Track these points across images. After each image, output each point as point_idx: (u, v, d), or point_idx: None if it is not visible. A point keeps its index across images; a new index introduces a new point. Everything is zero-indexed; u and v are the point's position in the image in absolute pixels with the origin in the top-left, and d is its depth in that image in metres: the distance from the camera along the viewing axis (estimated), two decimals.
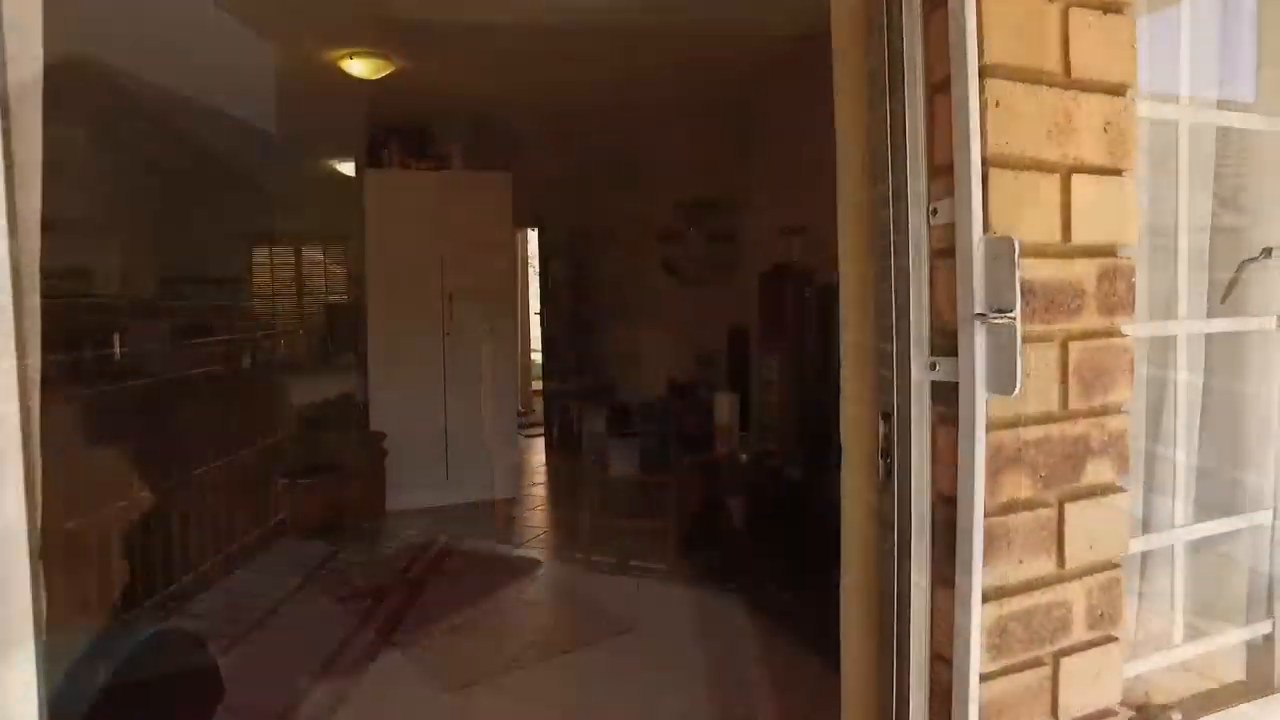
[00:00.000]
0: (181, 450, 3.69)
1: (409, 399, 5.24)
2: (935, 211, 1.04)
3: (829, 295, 3.58)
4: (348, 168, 6.52)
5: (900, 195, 1.07)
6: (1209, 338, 1.44)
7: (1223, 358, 1.48)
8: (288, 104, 5.09)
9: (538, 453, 7.38)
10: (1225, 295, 1.46)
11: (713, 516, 3.77)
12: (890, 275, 1.09)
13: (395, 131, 5.31)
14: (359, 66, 4.30)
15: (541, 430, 7.61)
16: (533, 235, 8.70)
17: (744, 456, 3.88)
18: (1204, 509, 1.42)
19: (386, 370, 5.18)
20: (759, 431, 4.07)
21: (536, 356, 9.00)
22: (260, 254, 7.86)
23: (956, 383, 1.01)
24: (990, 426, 1.00)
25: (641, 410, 5.95)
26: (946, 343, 1.03)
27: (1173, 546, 1.38)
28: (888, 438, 1.11)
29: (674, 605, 3.48)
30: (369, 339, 5.16)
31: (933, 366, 1.05)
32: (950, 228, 1.01)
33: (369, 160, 5.20)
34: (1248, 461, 1.49)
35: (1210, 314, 1.43)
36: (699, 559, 3.78)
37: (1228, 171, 1.48)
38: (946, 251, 1.03)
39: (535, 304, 8.97)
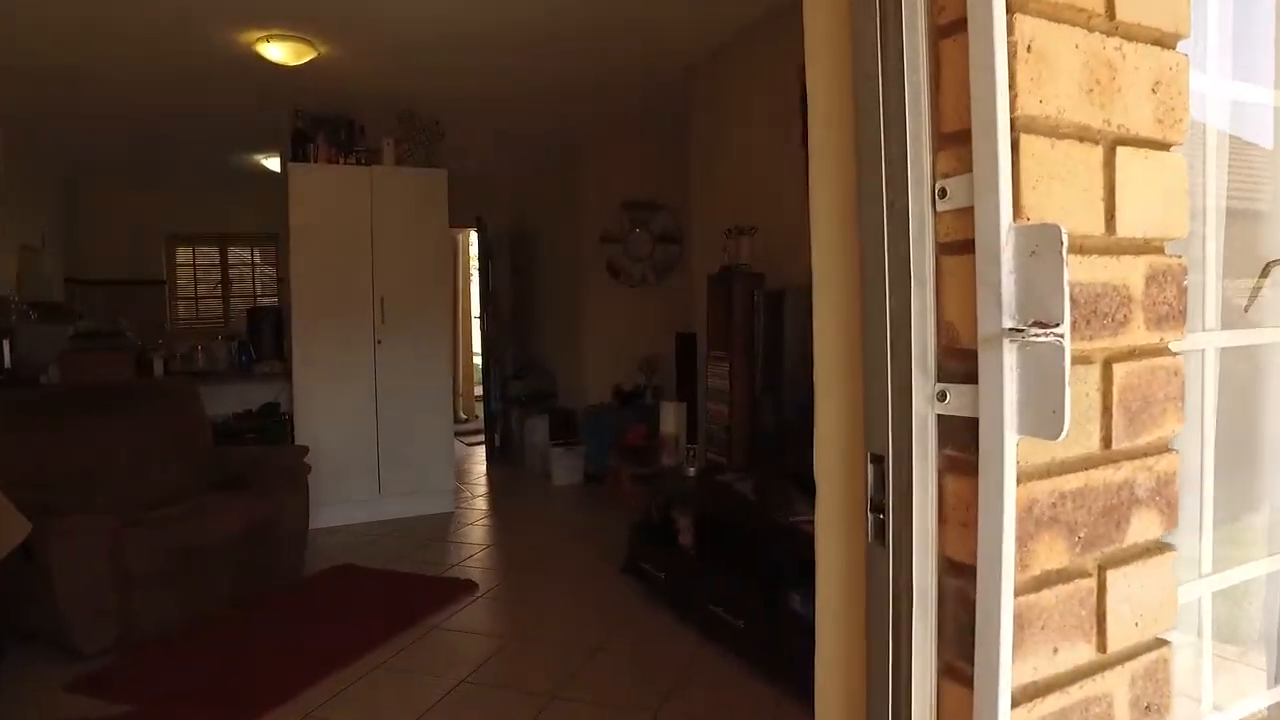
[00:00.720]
0: (64, 468, 3.28)
1: (338, 408, 4.87)
2: (943, 193, 0.78)
3: (780, 299, 3.35)
4: (275, 163, 6.11)
5: (896, 173, 0.81)
6: (1224, 352, 1.22)
7: (1240, 375, 1.26)
8: (207, 91, 4.68)
9: (478, 461, 7.03)
10: (1249, 303, 1.24)
11: (660, 533, 3.51)
12: (883, 277, 0.82)
13: (323, 124, 4.93)
14: (278, 51, 3.93)
15: (482, 437, 7.27)
16: (472, 236, 8.35)
17: (691, 469, 3.62)
18: (1228, 552, 1.19)
19: (313, 378, 4.80)
20: (707, 442, 3.82)
21: (478, 360, 8.65)
22: (183, 254, 7.36)
23: (974, 419, 0.75)
24: (1020, 477, 0.74)
25: (586, 417, 5.67)
26: (960, 366, 0.78)
27: (1199, 600, 1.15)
28: (879, 487, 0.85)
29: (618, 633, 3.21)
30: (293, 345, 4.77)
31: (941, 396, 0.79)
32: (963, 214, 0.76)
33: (293, 154, 4.81)
34: (1272, 494, 1.27)
35: (1230, 324, 1.21)
36: (646, 579, 3.51)
37: (1249, 158, 1.26)
38: (959, 245, 0.77)
39: (475, 307, 8.62)
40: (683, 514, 3.37)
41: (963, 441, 0.78)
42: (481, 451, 7.26)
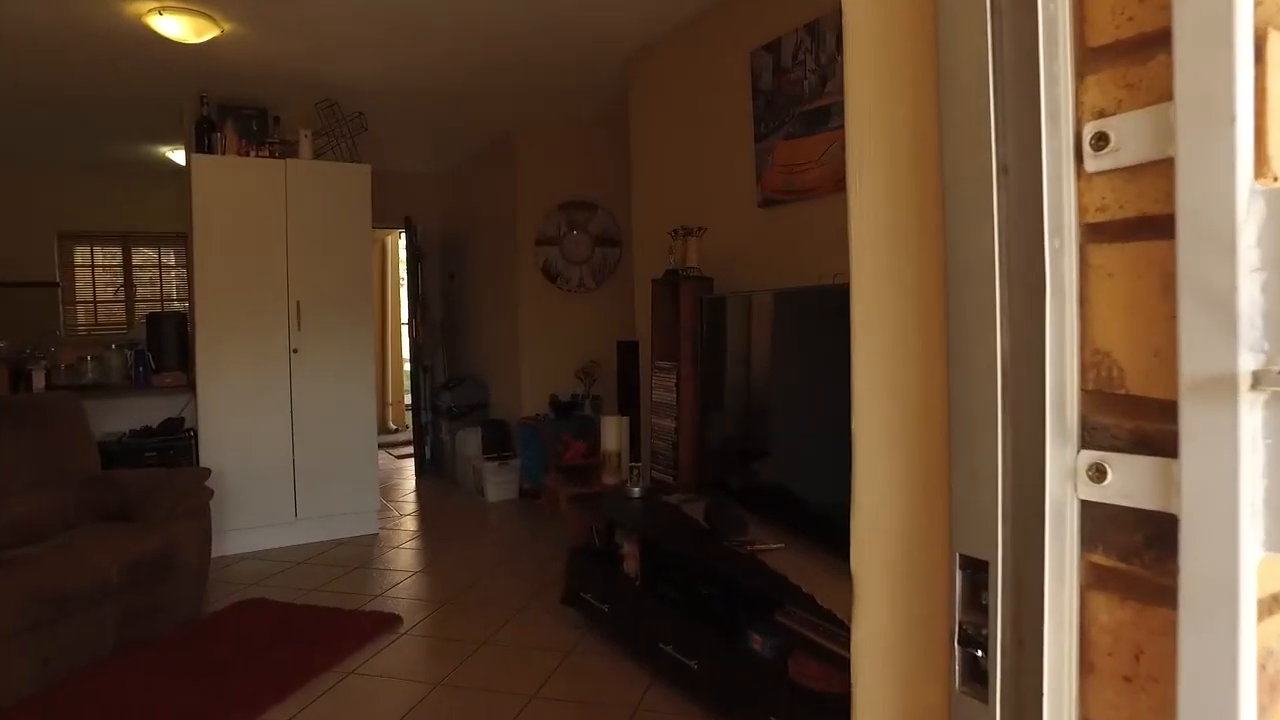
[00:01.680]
0: None
1: (249, 424, 4.39)
2: (1099, 141, 0.47)
3: (728, 306, 3.05)
4: (181, 155, 5.56)
5: (1013, 114, 0.50)
6: None
7: None
8: (94, 71, 4.16)
9: (407, 476, 6.58)
10: None
11: (602, 560, 3.17)
12: (990, 282, 0.51)
13: (231, 112, 4.45)
14: (174, 25, 3.46)
15: (412, 450, 6.81)
16: (401, 238, 7.87)
17: (636, 490, 3.30)
18: None
19: (220, 391, 4.31)
20: (651, 460, 3.50)
21: (408, 368, 8.15)
22: (81, 254, 6.70)
23: (1161, 513, 0.45)
24: (1260, 612, 0.44)
25: (522, 430, 5.29)
26: (1126, 425, 0.47)
27: None
28: (973, 607, 0.54)
29: (559, 674, 2.86)
30: (197, 355, 4.28)
31: (1094, 473, 0.48)
32: (1138, 175, 0.46)
33: (198, 144, 4.32)
34: None
35: None
36: (588, 611, 3.17)
37: None
38: (1128, 227, 0.46)
39: (405, 313, 8.15)
40: (627, 539, 3.04)
41: (1130, 546, 0.47)
42: (411, 465, 6.80)
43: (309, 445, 4.54)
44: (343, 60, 4.12)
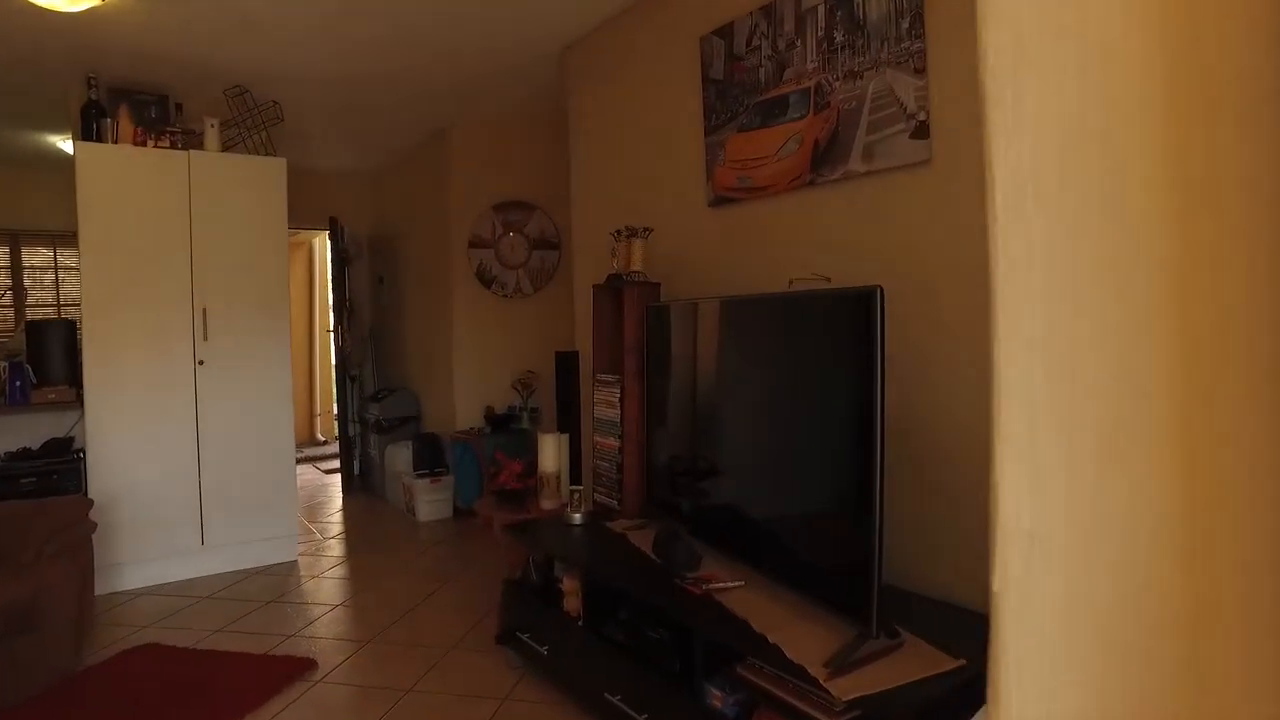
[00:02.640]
0: None
1: (148, 444, 3.92)
2: None
3: (674, 314, 2.75)
4: (70, 144, 5.02)
5: None
6: None
7: None
8: None
9: (334, 493, 6.11)
10: None
11: (541, 596, 2.83)
12: None
13: (126, 97, 3.97)
14: None
15: (338, 464, 6.34)
16: (327, 240, 7.39)
17: (577, 516, 2.97)
18: None
19: (113, 407, 3.83)
20: (594, 482, 3.18)
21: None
22: None
23: None
24: None
25: (456, 444, 4.91)
26: None
27: None
28: None
29: None
30: (86, 367, 3.79)
31: None
32: None
33: (85, 132, 3.83)
34: None
35: None
36: (525, 653, 2.83)
37: None
38: None
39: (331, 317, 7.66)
40: (568, 574, 2.71)
41: None
42: (338, 481, 6.33)
43: (217, 466, 4.08)
44: (255, 43, 3.69)
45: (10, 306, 6.02)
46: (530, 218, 5.08)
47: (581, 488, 3.02)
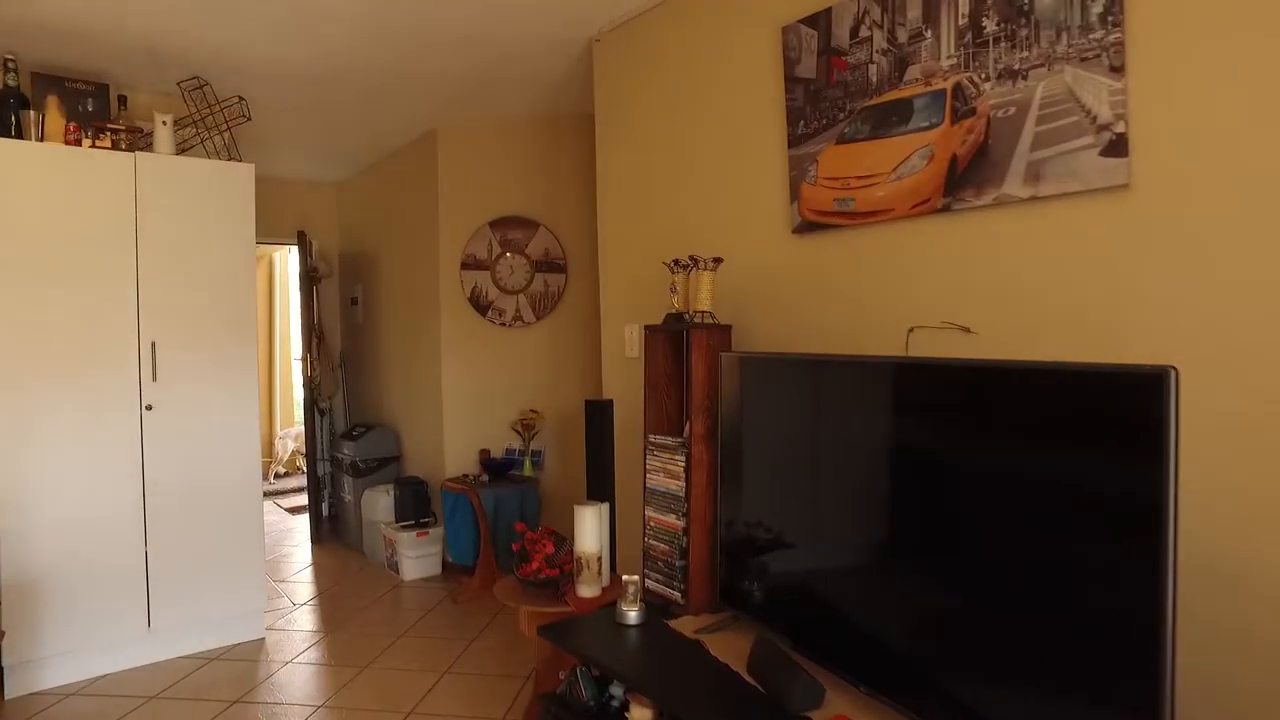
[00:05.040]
0: None
1: (81, 507, 3.16)
2: None
3: (762, 371, 2.15)
4: None
5: None
6: None
7: None
8: None
9: (300, 541, 5.34)
10: None
11: (593, 718, 2.19)
12: None
13: (55, 85, 3.22)
14: None
15: (304, 500, 5.58)
16: (292, 255, 6.64)
17: (631, 613, 2.34)
18: None
19: (36, 462, 3.07)
20: (643, 563, 2.55)
21: (301, 408, 6.92)
22: None
23: None
24: None
25: (448, 494, 4.22)
26: None
27: None
28: None
29: None
30: None
31: None
32: None
33: (1, 126, 3.07)
34: None
35: None
36: None
37: None
38: None
39: (294, 343, 6.90)
40: (634, 696, 2.07)
41: None
42: (305, 525, 5.55)
43: (168, 532, 3.33)
44: (217, 25, 2.98)
45: None
46: (532, 236, 4.43)
47: (636, 578, 2.39)
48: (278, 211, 5.55)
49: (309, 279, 5.28)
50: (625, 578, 2.39)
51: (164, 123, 3.30)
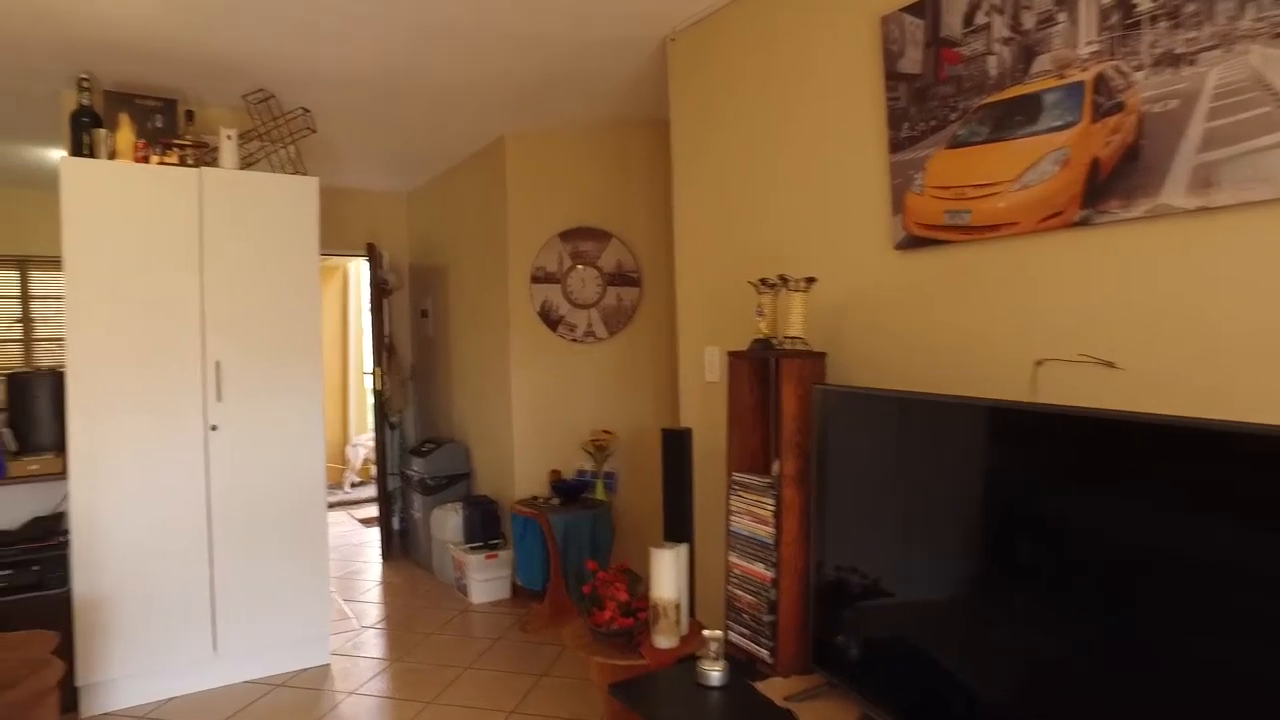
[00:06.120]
0: None
1: (146, 528, 3.10)
2: None
3: (865, 408, 1.86)
4: None
5: None
6: None
7: None
8: None
9: (372, 556, 5.27)
10: None
11: None
12: None
13: (127, 103, 3.17)
14: None
15: (375, 511, 5.52)
16: (362, 267, 6.63)
17: (714, 672, 2.09)
18: None
19: (103, 482, 3.02)
20: (728, 616, 2.30)
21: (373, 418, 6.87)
22: None
23: None
24: None
25: (517, 518, 4.05)
26: None
27: None
28: None
29: None
30: (71, 434, 2.97)
31: None
32: None
33: (75, 145, 3.03)
34: None
35: None
36: None
37: None
38: None
39: (367, 359, 6.90)
40: None
41: None
42: (376, 539, 5.49)
43: (233, 554, 3.24)
44: (283, 37, 2.87)
45: (20, 340, 5.25)
46: (604, 248, 4.22)
47: (719, 634, 2.13)
48: (348, 222, 5.51)
49: (379, 291, 5.20)
50: (707, 633, 2.14)
51: (228, 137, 3.21)
